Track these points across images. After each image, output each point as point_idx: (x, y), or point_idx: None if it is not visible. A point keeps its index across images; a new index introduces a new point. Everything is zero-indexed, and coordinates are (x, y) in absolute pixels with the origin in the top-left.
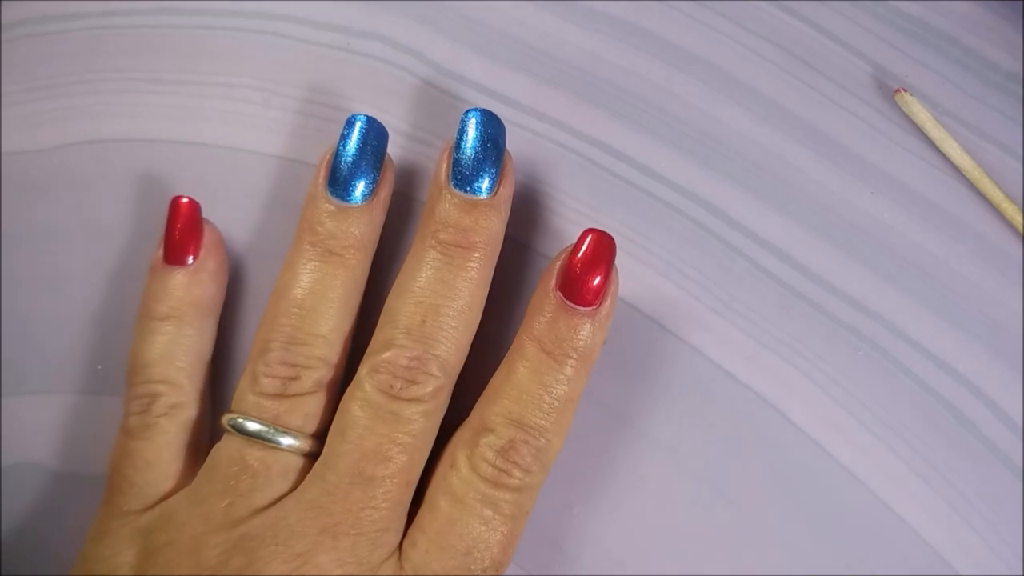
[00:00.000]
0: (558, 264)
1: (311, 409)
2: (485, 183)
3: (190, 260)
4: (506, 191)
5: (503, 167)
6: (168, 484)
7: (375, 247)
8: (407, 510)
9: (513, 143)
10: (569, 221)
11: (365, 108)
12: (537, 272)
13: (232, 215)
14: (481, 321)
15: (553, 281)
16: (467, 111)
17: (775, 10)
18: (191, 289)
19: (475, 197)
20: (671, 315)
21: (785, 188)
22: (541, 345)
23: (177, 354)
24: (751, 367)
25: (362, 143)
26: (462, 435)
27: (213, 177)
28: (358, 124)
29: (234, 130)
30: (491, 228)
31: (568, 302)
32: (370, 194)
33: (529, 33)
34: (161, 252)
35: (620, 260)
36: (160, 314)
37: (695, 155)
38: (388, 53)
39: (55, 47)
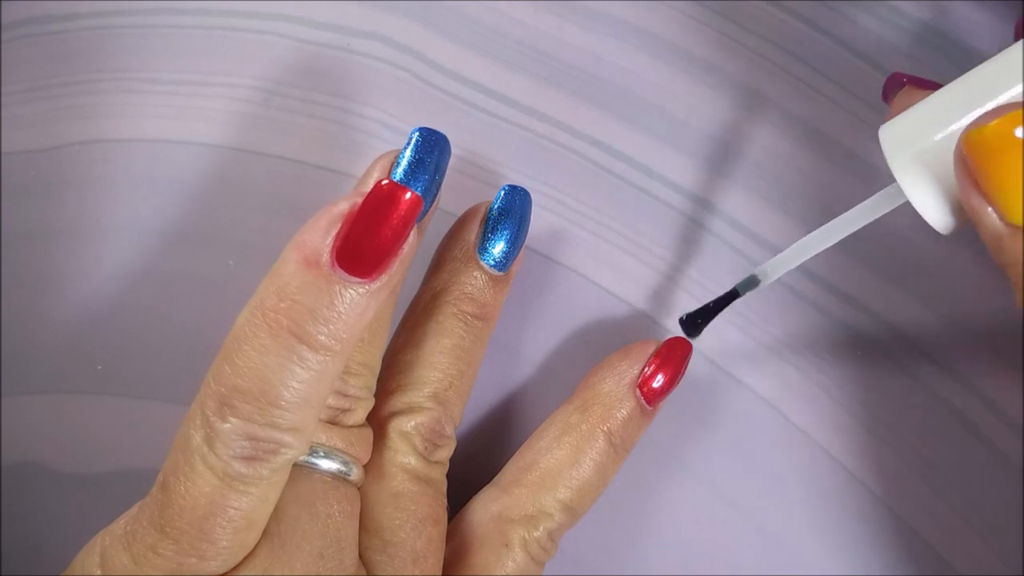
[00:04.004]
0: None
1: (367, 439)
2: (506, 259)
3: (380, 276)
4: (517, 265)
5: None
6: (257, 541)
7: None
8: None
9: (513, 143)
10: (570, 222)
11: (365, 108)
12: (536, 271)
13: (232, 215)
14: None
15: (634, 378)
16: (507, 186)
17: (775, 10)
18: (365, 314)
19: (497, 273)
20: (671, 315)
21: (786, 188)
22: (611, 439)
23: (321, 397)
24: (751, 367)
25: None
26: (512, 512)
27: (213, 177)
28: (415, 136)
29: (234, 130)
30: (502, 300)
31: (647, 405)
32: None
33: (529, 33)
34: (330, 248)
35: (621, 260)
36: (318, 343)
37: (695, 155)
38: (388, 53)
39: (55, 47)
